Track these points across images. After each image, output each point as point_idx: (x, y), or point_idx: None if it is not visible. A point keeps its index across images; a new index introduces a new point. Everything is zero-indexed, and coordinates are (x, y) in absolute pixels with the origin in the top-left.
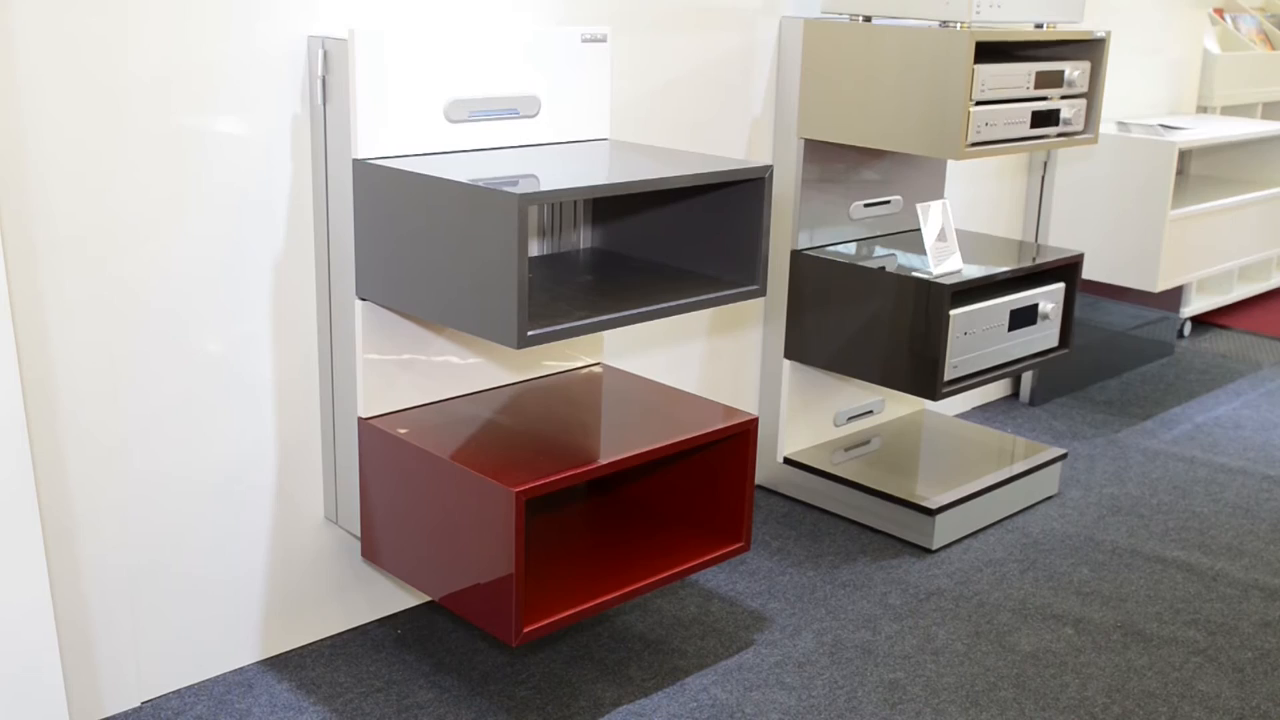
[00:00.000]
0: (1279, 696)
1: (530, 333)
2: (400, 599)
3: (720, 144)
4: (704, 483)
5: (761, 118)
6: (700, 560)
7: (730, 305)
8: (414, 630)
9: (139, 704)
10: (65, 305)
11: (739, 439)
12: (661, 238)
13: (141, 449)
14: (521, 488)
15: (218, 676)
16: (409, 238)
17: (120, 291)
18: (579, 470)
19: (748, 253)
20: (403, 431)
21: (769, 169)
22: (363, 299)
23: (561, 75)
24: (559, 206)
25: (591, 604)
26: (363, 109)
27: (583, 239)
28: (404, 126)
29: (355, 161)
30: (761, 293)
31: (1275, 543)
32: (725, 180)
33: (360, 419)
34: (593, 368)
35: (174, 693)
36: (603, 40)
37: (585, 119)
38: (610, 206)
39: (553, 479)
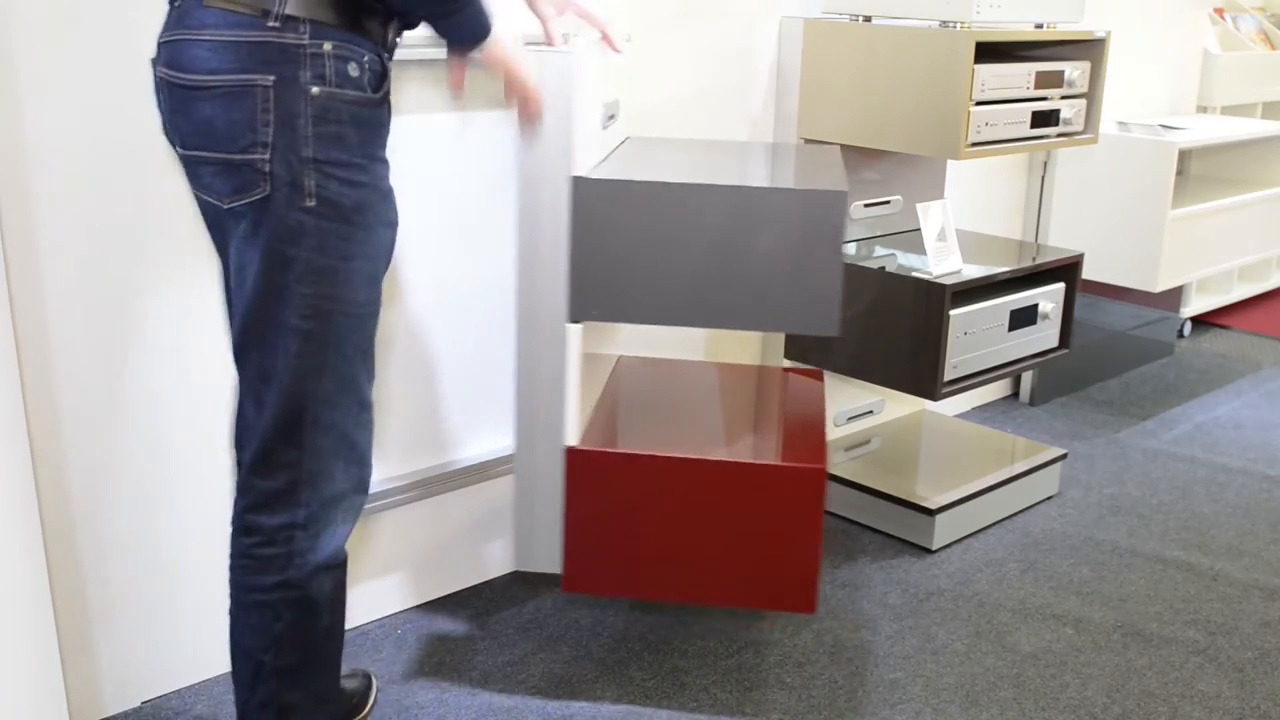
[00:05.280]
0: (1279, 696)
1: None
2: (400, 599)
3: None
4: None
5: (761, 118)
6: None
7: None
8: (414, 630)
9: (139, 704)
10: (66, 303)
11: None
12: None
13: (142, 448)
14: (820, 464)
15: (218, 676)
16: (671, 249)
17: (124, 289)
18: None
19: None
20: (625, 450)
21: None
22: (577, 321)
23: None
24: None
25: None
26: (579, 127)
27: None
28: (592, 138)
29: (575, 179)
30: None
31: (1275, 543)
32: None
33: (570, 449)
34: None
35: (174, 693)
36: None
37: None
38: None
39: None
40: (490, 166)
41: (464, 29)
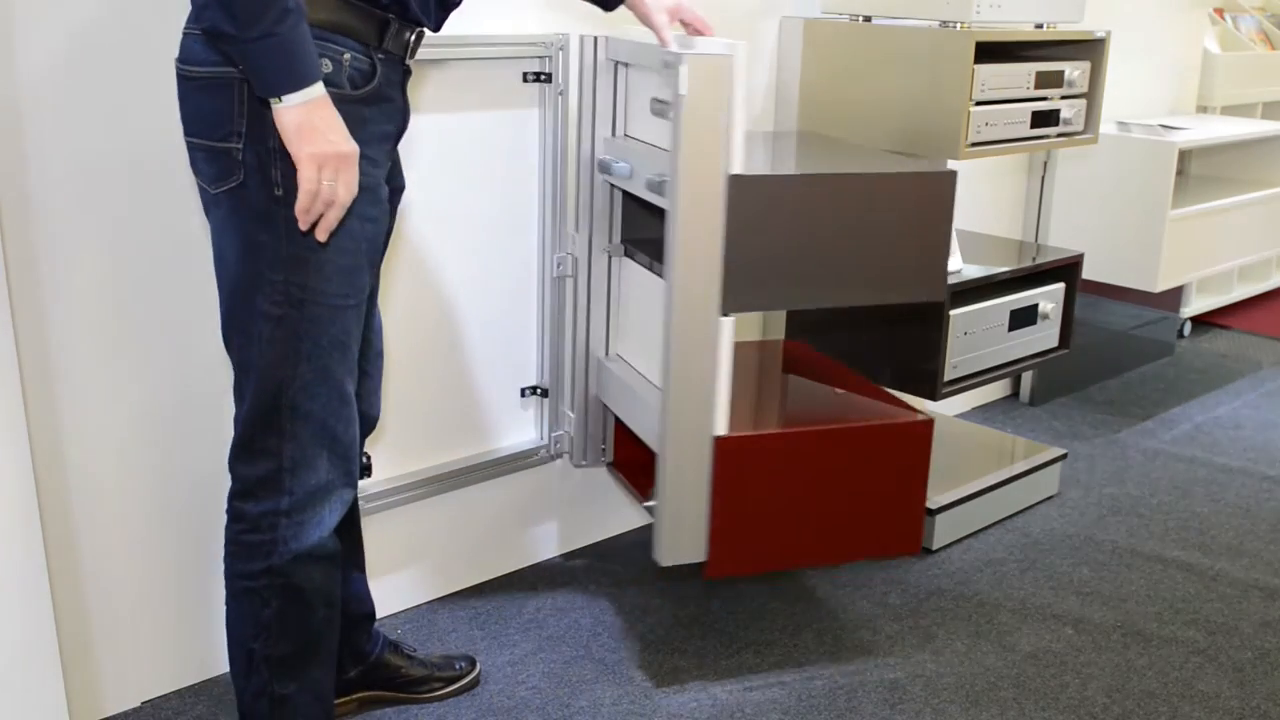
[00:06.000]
0: (1279, 696)
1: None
2: (400, 598)
3: None
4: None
5: (761, 118)
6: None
7: None
8: (414, 630)
9: (139, 704)
10: (66, 303)
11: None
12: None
13: (142, 448)
14: (928, 416)
15: (217, 676)
16: (811, 236)
17: (125, 289)
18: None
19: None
20: (767, 431)
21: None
22: (728, 314)
23: None
24: None
25: None
26: (738, 127)
27: None
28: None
29: (733, 177)
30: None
31: (1275, 543)
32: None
33: (719, 437)
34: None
35: (174, 693)
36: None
37: None
38: None
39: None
40: (509, 163)
41: (258, 65)
